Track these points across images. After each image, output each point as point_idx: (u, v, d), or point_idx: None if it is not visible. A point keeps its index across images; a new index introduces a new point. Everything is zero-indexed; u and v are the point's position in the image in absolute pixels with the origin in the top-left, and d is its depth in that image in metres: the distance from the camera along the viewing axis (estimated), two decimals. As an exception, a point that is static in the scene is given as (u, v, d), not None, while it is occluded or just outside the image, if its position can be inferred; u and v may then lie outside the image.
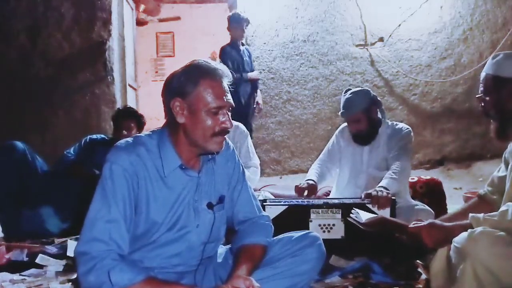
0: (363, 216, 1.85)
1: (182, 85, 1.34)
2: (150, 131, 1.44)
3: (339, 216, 2.17)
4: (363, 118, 2.45)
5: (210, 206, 1.44)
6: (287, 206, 2.19)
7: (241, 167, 1.58)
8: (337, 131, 2.70)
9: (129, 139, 1.40)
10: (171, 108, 1.35)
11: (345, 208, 2.13)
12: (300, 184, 2.49)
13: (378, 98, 2.56)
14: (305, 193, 2.44)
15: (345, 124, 2.62)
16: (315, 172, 2.61)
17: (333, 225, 2.17)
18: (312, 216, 2.18)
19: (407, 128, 2.50)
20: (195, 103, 1.33)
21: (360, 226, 1.86)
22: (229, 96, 1.38)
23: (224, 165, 1.51)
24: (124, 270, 1.25)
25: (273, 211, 2.14)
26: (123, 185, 1.31)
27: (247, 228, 1.52)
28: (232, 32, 4.38)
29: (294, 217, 2.17)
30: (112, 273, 1.23)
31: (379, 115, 2.54)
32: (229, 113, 1.39)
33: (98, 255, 1.25)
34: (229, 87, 1.39)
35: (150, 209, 1.35)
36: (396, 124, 2.54)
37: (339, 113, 2.53)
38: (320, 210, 2.18)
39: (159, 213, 1.36)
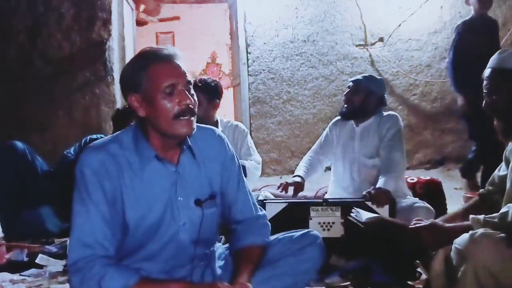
0: (364, 215, 1.86)
1: (132, 77, 1.31)
2: (128, 127, 1.42)
3: (338, 214, 2.18)
4: (361, 95, 2.50)
5: (198, 202, 1.38)
6: (286, 204, 2.20)
7: (236, 162, 1.51)
8: (330, 124, 2.76)
9: (106, 138, 1.39)
10: (130, 104, 1.33)
11: (345, 206, 2.14)
12: (286, 182, 2.51)
13: (386, 101, 2.64)
14: (291, 191, 2.47)
15: (337, 118, 2.71)
16: (304, 165, 2.66)
17: (333, 223, 2.18)
18: (312, 214, 2.20)
19: (394, 114, 2.57)
20: (148, 91, 1.29)
21: (361, 225, 1.86)
22: (183, 72, 1.31)
23: (215, 159, 1.45)
24: (115, 277, 1.22)
25: (273, 209, 2.15)
26: (96, 187, 1.28)
27: (244, 228, 1.49)
28: (478, 2, 3.55)
29: (294, 215, 2.18)
30: (103, 282, 1.21)
31: (377, 111, 2.58)
32: (190, 90, 1.32)
33: (86, 265, 1.23)
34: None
35: (127, 206, 1.31)
36: (383, 112, 2.59)
37: (350, 79, 2.63)
38: (319, 208, 2.19)
39: (137, 210, 1.32)
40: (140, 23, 7.04)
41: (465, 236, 1.32)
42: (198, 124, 1.48)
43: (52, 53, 4.65)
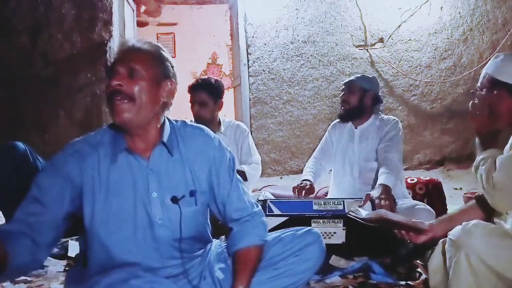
0: (363, 212, 1.86)
1: None
2: None
3: (340, 225, 2.14)
4: (356, 94, 2.53)
5: (174, 199, 1.36)
6: (287, 218, 2.14)
7: (228, 160, 1.47)
8: (328, 128, 2.77)
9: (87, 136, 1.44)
10: None
11: (347, 218, 2.08)
12: (299, 184, 2.51)
13: (381, 97, 2.66)
14: (303, 193, 2.45)
15: (336, 121, 2.72)
16: (310, 170, 2.65)
17: (334, 233, 2.16)
18: (313, 225, 2.15)
19: (394, 119, 2.58)
20: None
21: (360, 221, 1.86)
22: (128, 58, 1.31)
23: (201, 157, 1.42)
24: None
25: (273, 223, 2.10)
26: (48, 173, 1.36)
27: (240, 229, 1.46)
28: None
29: (295, 226, 2.14)
30: None
31: (374, 110, 2.60)
32: (123, 72, 1.29)
33: None
34: None
35: (97, 194, 1.32)
36: (383, 116, 2.61)
37: (343, 82, 2.64)
38: (321, 221, 2.14)
39: (106, 199, 1.32)
40: (141, 24, 7.05)
41: (458, 228, 1.37)
42: (188, 122, 1.50)
43: (53, 53, 4.66)
